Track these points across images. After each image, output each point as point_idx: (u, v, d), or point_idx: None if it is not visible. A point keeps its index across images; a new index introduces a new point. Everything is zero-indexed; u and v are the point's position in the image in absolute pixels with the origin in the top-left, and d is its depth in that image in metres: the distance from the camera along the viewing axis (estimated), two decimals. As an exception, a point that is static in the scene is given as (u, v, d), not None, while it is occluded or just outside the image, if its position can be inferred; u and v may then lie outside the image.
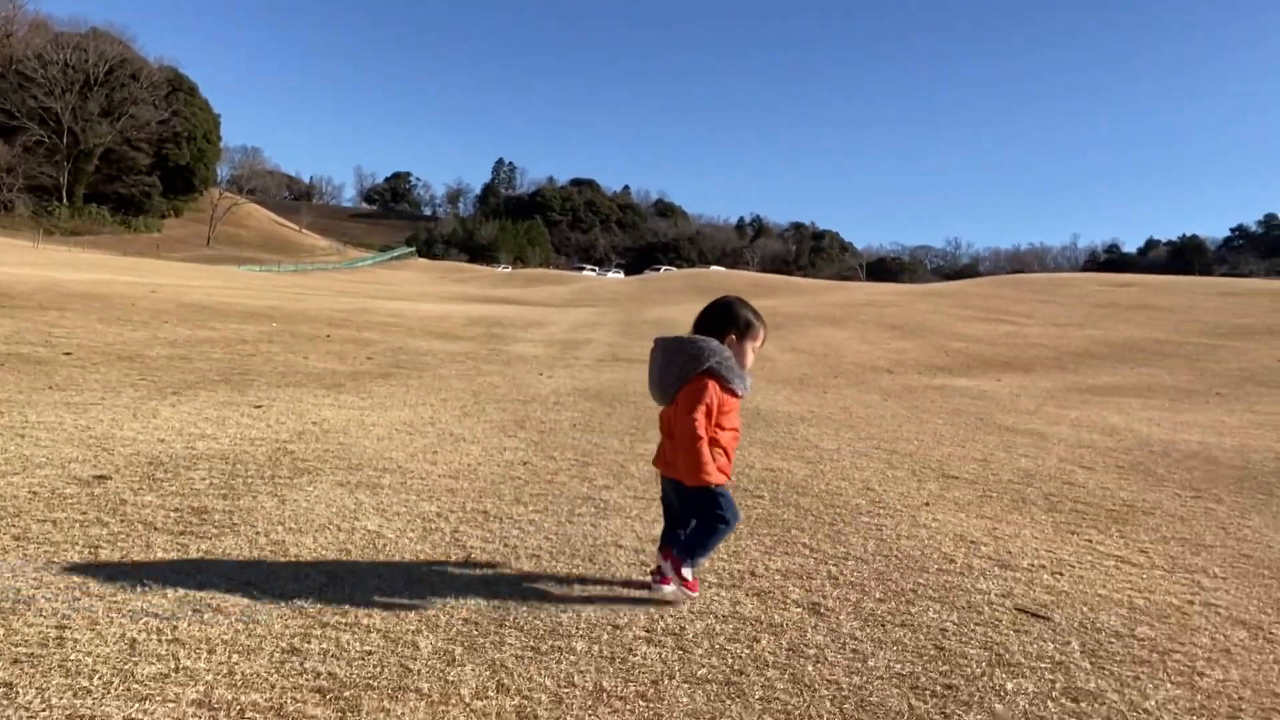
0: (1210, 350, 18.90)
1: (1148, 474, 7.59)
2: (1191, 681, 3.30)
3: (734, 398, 3.83)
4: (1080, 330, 23.00)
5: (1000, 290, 34.79)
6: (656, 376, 3.86)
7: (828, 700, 2.98)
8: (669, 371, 3.77)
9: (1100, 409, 11.90)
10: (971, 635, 3.65)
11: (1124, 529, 5.74)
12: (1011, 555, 4.94)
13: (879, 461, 7.69)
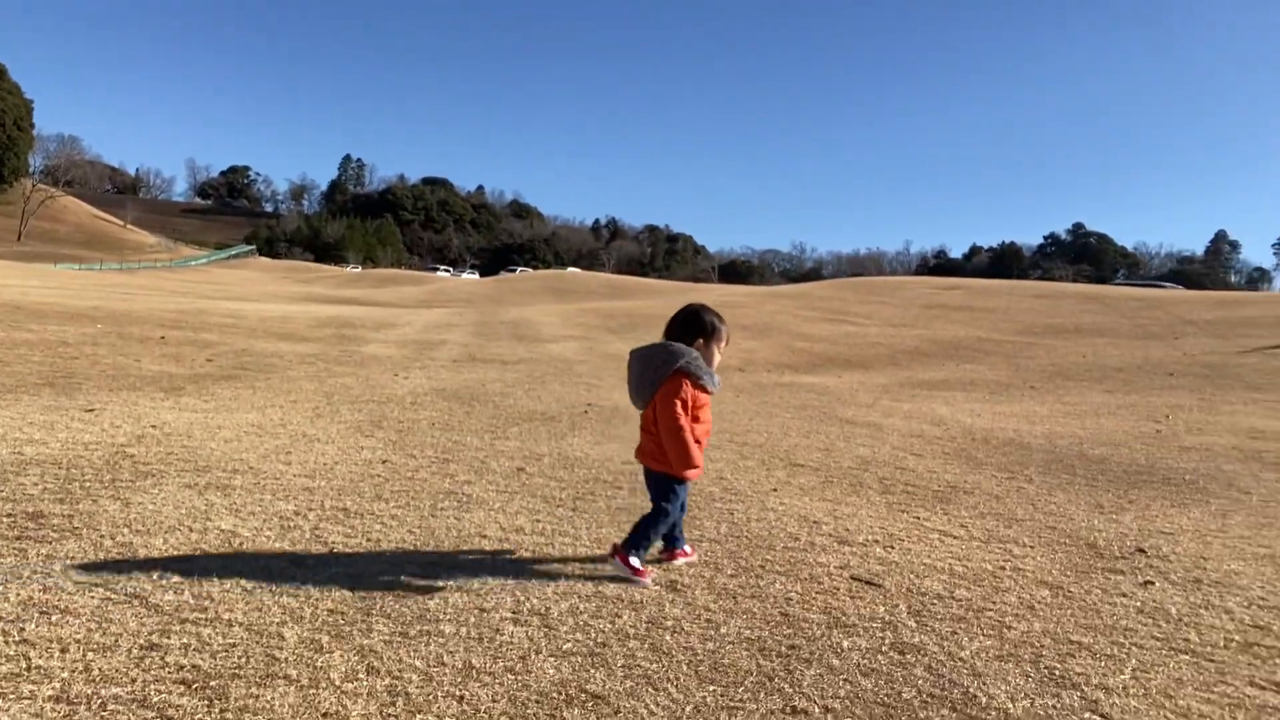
0: (1025, 347, 20.64)
1: (969, 459, 8.30)
2: (1001, 633, 3.73)
3: (705, 394, 4.18)
4: (913, 330, 24.59)
5: (841, 293, 36.67)
6: (635, 383, 4.19)
7: (684, 664, 3.21)
8: (645, 376, 4.11)
9: (929, 402, 12.83)
10: (813, 602, 3.98)
11: (947, 507, 6.30)
12: (849, 532, 5.36)
13: (731, 453, 8.07)
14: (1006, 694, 3.10)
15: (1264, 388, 13.36)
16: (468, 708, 2.76)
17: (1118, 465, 7.94)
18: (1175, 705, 3.06)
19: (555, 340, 21.17)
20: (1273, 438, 9.33)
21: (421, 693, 2.83)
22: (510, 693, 2.89)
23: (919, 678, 3.21)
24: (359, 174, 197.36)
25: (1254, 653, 3.58)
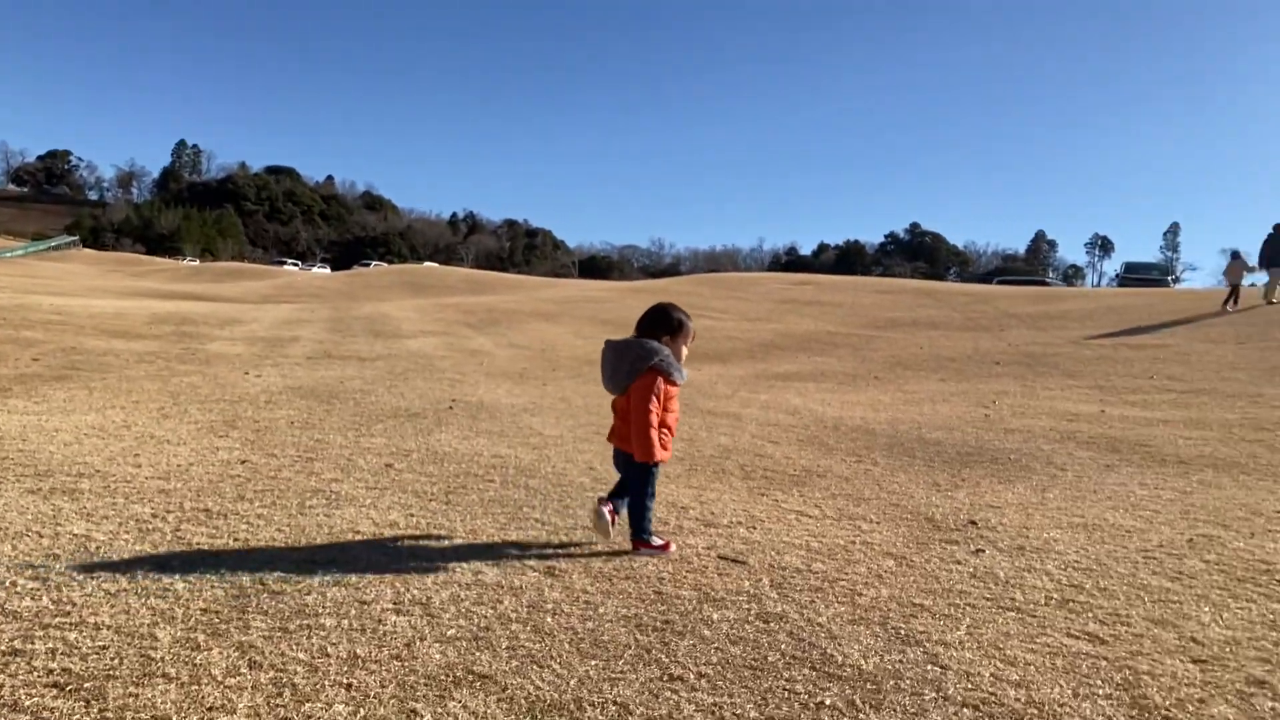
0: (869, 340, 21.85)
1: (821, 445, 8.81)
2: (853, 600, 4.06)
3: (674, 386, 4.64)
4: (767, 324, 25.55)
5: (699, 288, 37.60)
6: (609, 372, 4.61)
7: (566, 643, 3.35)
8: (620, 367, 4.54)
9: (784, 393, 13.45)
10: (684, 580, 4.21)
11: (803, 489, 6.70)
12: (715, 515, 5.64)
13: (599, 445, 8.25)
14: (859, 652, 3.41)
15: (1078, 375, 14.71)
16: (356, 694, 2.81)
17: (952, 447, 8.62)
18: (1004, 655, 3.45)
19: (414, 336, 20.77)
20: (1085, 420, 10.34)
21: (308, 683, 2.85)
22: (398, 678, 2.95)
23: (782, 642, 3.48)
24: (195, 161, 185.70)
25: (1069, 608, 4.05)
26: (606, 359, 4.65)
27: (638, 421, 4.49)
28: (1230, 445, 8.64)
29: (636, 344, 4.58)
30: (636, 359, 4.52)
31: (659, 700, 2.91)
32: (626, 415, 4.60)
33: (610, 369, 4.62)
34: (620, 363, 4.57)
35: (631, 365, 4.52)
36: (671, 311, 4.72)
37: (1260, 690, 3.17)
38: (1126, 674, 3.29)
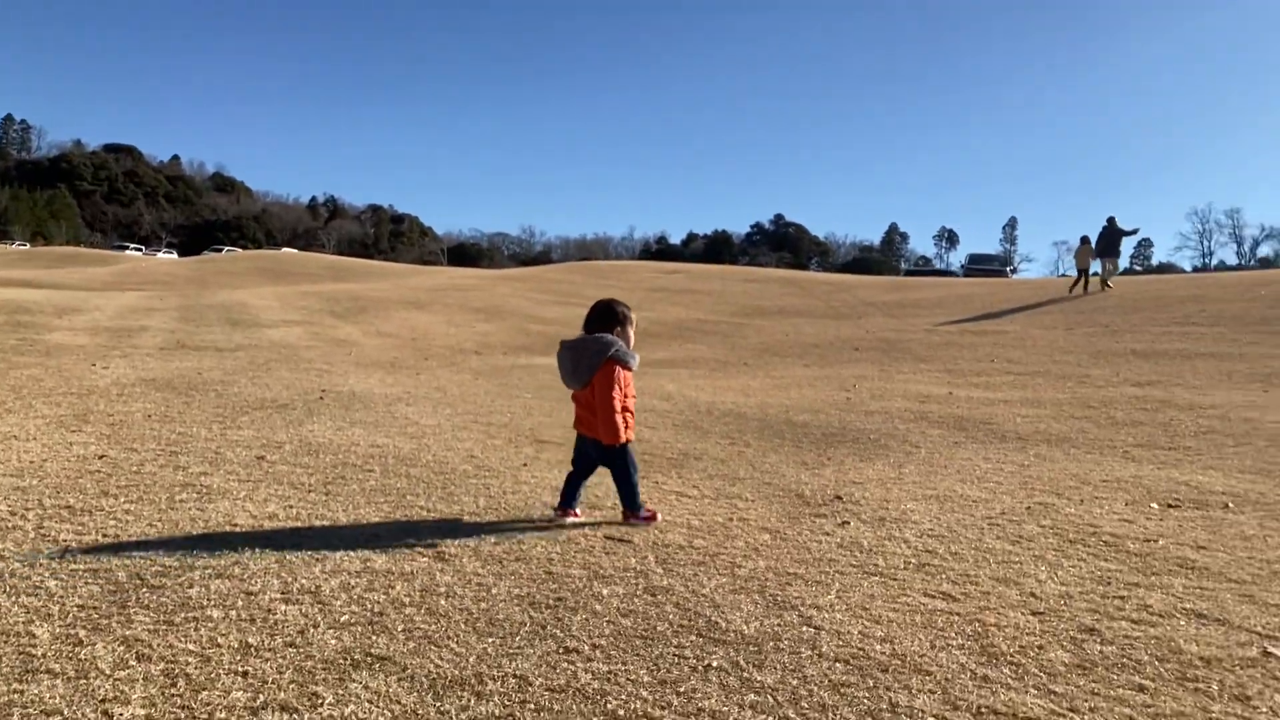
0: (739, 328, 22.54)
1: (696, 429, 9.11)
2: (733, 572, 4.30)
3: (630, 372, 5.05)
4: (640, 312, 25.84)
5: (572, 276, 37.66)
6: (570, 368, 4.97)
7: (462, 623, 3.43)
8: (580, 363, 4.92)
9: (658, 379, 13.75)
10: (573, 560, 4.34)
11: (681, 471, 6.95)
12: (598, 499, 5.79)
13: (478, 433, 8.26)
14: (741, 619, 3.64)
15: (929, 359, 15.69)
16: (254, 681, 2.80)
17: (817, 428, 9.09)
18: (870, 614, 3.75)
19: (276, 325, 19.99)
20: (936, 401, 11.08)
21: (202, 673, 2.83)
22: (295, 664, 2.95)
23: (670, 613, 3.67)
24: (24, 137, 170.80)
25: (926, 571, 4.42)
26: (564, 358, 5.02)
27: (604, 408, 4.86)
28: (1062, 422, 9.47)
29: (592, 340, 4.96)
30: (595, 353, 4.89)
31: (556, 671, 3.03)
32: (592, 405, 4.94)
33: (571, 366, 4.98)
34: (580, 359, 4.93)
35: (591, 359, 4.89)
36: (615, 306, 5.13)
37: (1090, 636, 3.58)
38: (976, 626, 3.64)
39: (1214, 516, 5.62)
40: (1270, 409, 9.70)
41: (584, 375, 4.94)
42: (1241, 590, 4.16)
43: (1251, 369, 12.54)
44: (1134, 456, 7.76)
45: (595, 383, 4.91)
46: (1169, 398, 10.80)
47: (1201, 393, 11.07)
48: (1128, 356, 14.44)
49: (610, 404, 4.88)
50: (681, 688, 2.97)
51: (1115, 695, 3.02)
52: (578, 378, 4.99)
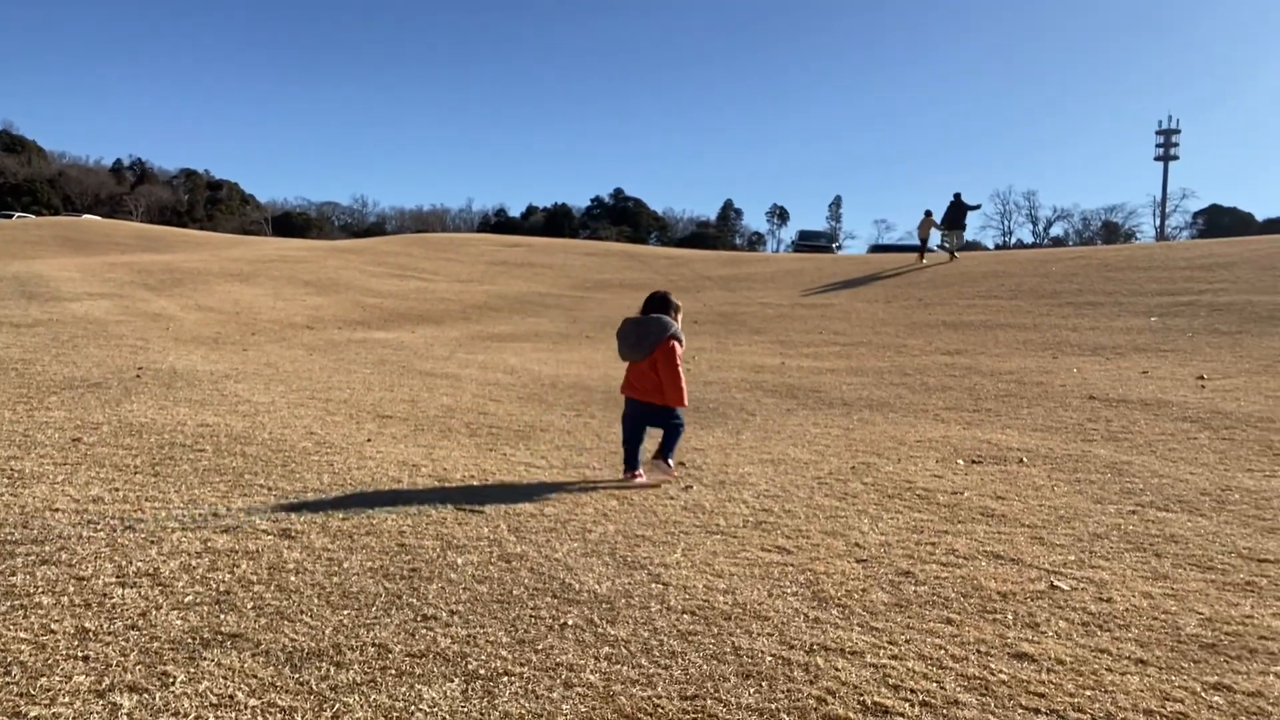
0: (580, 301, 22.69)
1: (541, 401, 9.20)
2: (584, 536, 4.45)
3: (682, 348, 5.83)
4: (480, 286, 25.59)
5: (409, 248, 36.59)
6: (634, 341, 5.79)
7: (315, 597, 3.41)
8: (644, 339, 5.74)
9: (501, 353, 13.71)
10: (425, 532, 4.36)
11: (529, 443, 7.04)
12: (447, 471, 5.80)
13: (317, 410, 8.02)
14: (594, 579, 3.79)
15: (763, 331, 16.40)
16: (96, 665, 2.70)
17: (661, 399, 9.39)
18: (713, 569, 4.00)
19: (79, 299, 18.42)
20: (769, 371, 11.65)
21: (38, 660, 2.69)
22: (140, 645, 2.86)
23: (524, 578, 3.77)
24: None
25: (763, 528, 4.73)
26: (629, 332, 5.85)
27: (671, 377, 5.70)
28: (882, 388, 10.20)
29: (655, 320, 5.81)
30: (658, 332, 5.73)
31: (415, 638, 3.08)
32: (647, 373, 5.77)
33: (635, 339, 5.79)
34: (645, 335, 5.75)
35: (654, 337, 5.71)
36: (670, 296, 6.03)
37: (906, 579, 3.96)
38: (808, 575, 3.96)
39: (1010, 470, 6.27)
40: (1058, 374, 10.81)
41: (646, 349, 5.74)
42: (1033, 533, 4.70)
43: (1044, 338, 13.89)
44: (943, 418, 8.49)
45: (657, 356, 5.70)
46: (974, 365, 11.81)
47: (1001, 360, 12.18)
48: (939, 327, 15.63)
49: (677, 374, 5.71)
50: (539, 645, 3.09)
51: (927, 628, 3.39)
52: (640, 350, 5.77)
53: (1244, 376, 9.99)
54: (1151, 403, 8.68)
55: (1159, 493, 5.55)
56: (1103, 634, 3.36)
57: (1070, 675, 2.99)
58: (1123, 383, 9.93)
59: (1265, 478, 5.92)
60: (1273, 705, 2.81)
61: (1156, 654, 3.18)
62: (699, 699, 2.75)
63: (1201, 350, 11.85)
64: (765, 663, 3.02)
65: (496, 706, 2.64)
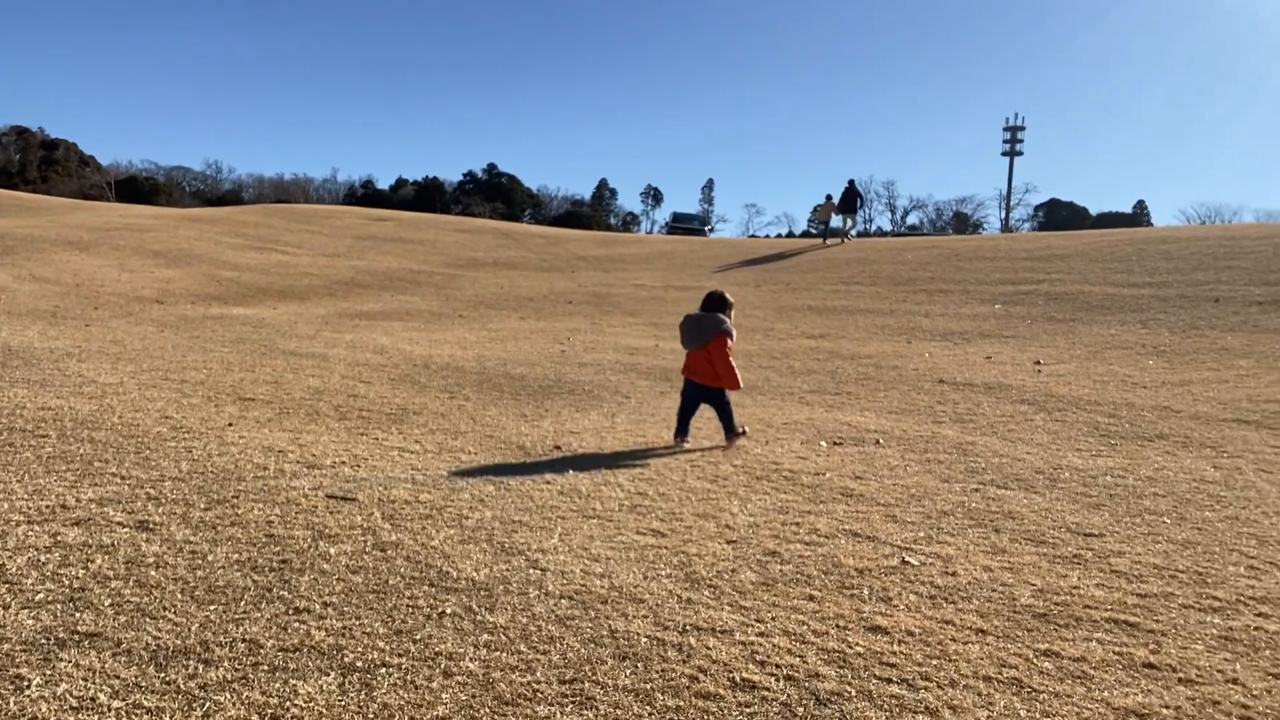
0: (452, 279, 22.29)
1: (414, 383, 9.05)
2: (461, 523, 4.45)
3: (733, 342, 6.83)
4: (347, 261, 24.73)
5: (269, 219, 34.91)
6: (694, 335, 6.82)
7: (178, 592, 3.29)
8: (702, 333, 6.78)
9: (370, 332, 13.36)
10: (295, 521, 4.25)
11: (401, 427, 6.92)
12: (316, 457, 5.65)
13: (171, 391, 7.63)
14: (472, 567, 3.81)
15: (637, 313, 16.59)
16: (-64, 674, 2.53)
17: (534, 381, 9.40)
18: (590, 554, 4.09)
19: (-106, 266, 16.76)
20: (644, 353, 11.83)
21: None
22: (-15, 651, 2.70)
23: (401, 567, 3.75)
24: None
25: (637, 511, 4.85)
26: (690, 327, 6.89)
27: (726, 367, 6.70)
28: (751, 371, 10.53)
29: (710, 317, 6.80)
30: (712, 327, 6.74)
31: (288, 632, 3.03)
32: (702, 362, 6.77)
33: (695, 333, 6.83)
34: (701, 330, 6.79)
35: (709, 331, 6.73)
36: (726, 295, 7.04)
37: (773, 559, 4.16)
38: (681, 557, 4.10)
39: (868, 451, 6.64)
40: (911, 358, 11.45)
41: (702, 341, 6.77)
42: (887, 512, 5.02)
43: (899, 323, 14.65)
44: (808, 401, 8.87)
45: (712, 348, 6.71)
46: (836, 349, 12.35)
47: (861, 344, 12.79)
48: (804, 312, 16.23)
49: (729, 363, 6.71)
50: (417, 635, 3.09)
51: (791, 605, 3.58)
52: (698, 342, 6.80)
53: (1075, 362, 10.86)
54: (994, 386, 9.33)
55: (999, 472, 6.00)
56: (948, 606, 3.64)
57: (919, 646, 3.24)
58: (969, 367, 10.62)
59: (1092, 457, 6.49)
60: (1094, 668, 3.13)
61: (995, 624, 3.48)
62: (577, 682, 2.83)
63: (1039, 337, 12.80)
64: (641, 644, 3.13)
65: (375, 699, 2.64)
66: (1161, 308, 14.06)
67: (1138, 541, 4.57)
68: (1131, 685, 3.00)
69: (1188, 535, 4.69)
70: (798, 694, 2.84)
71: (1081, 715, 2.79)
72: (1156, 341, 11.96)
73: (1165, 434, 7.24)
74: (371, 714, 2.56)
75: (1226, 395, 8.75)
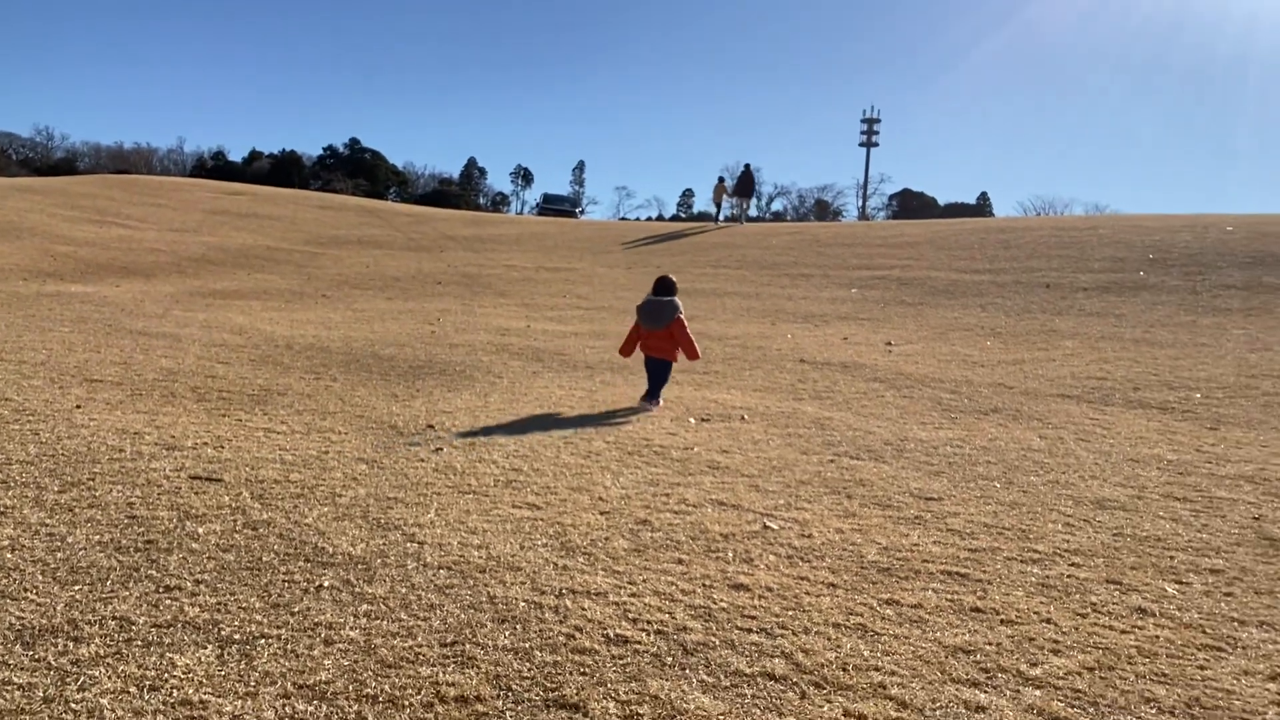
0: (314, 257, 21.53)
1: (276, 364, 8.80)
2: (334, 501, 4.44)
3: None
4: (197, 236, 23.46)
5: (109, 191, 32.60)
6: (655, 317, 7.82)
7: (39, 574, 3.18)
8: (661, 315, 7.79)
9: (226, 311, 12.81)
10: (159, 502, 4.15)
11: (265, 407, 6.76)
12: (175, 439, 5.47)
13: (10, 373, 7.17)
14: (348, 542, 3.84)
15: (508, 294, 16.54)
16: None
17: (404, 361, 9.30)
18: (467, 527, 4.18)
19: None
20: (515, 333, 11.86)
21: None
22: None
23: (274, 544, 3.74)
24: None
25: (513, 486, 4.96)
26: (649, 309, 7.90)
27: (687, 342, 7.78)
28: (622, 352, 10.76)
29: (668, 302, 7.87)
30: (671, 310, 7.80)
31: (160, 609, 3.00)
32: (663, 339, 7.80)
33: (655, 316, 7.83)
34: (661, 312, 7.81)
35: (670, 314, 7.77)
36: (673, 280, 8.17)
37: (644, 527, 4.37)
38: (557, 528, 4.25)
39: (734, 427, 6.96)
40: (775, 339, 11.95)
41: (663, 322, 7.77)
42: (751, 482, 5.32)
43: (764, 306, 15.22)
44: (678, 380, 9.16)
45: (674, 327, 7.73)
46: (705, 330, 12.74)
47: (729, 325, 13.24)
48: (674, 295, 16.66)
49: (690, 339, 7.80)
50: (295, 608, 3.12)
51: (661, 569, 3.80)
52: (659, 323, 7.80)
53: (923, 342, 11.62)
54: (850, 365, 9.90)
55: (852, 444, 6.43)
56: (803, 564, 3.94)
57: (777, 599, 3.51)
58: (828, 347, 11.20)
59: (935, 429, 7.04)
60: (929, 613, 3.48)
61: (844, 578, 3.80)
62: (458, 644, 2.94)
63: (891, 319, 13.59)
64: (519, 608, 3.26)
65: (256, 667, 2.67)
66: (999, 292, 15.17)
67: (971, 504, 5.03)
68: (960, 627, 3.36)
69: (1014, 497, 5.20)
70: (667, 645, 3.04)
71: (917, 653, 3.11)
72: (994, 324, 12.93)
73: (999, 408, 7.91)
74: (253, 682, 2.60)
75: (1053, 373, 9.60)
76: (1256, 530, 4.67)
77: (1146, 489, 5.43)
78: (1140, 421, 7.45)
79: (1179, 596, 3.75)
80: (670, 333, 7.79)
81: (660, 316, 7.84)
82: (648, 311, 7.95)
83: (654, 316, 7.89)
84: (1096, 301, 14.02)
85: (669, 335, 7.79)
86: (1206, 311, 12.90)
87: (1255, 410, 7.80)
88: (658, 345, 7.89)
